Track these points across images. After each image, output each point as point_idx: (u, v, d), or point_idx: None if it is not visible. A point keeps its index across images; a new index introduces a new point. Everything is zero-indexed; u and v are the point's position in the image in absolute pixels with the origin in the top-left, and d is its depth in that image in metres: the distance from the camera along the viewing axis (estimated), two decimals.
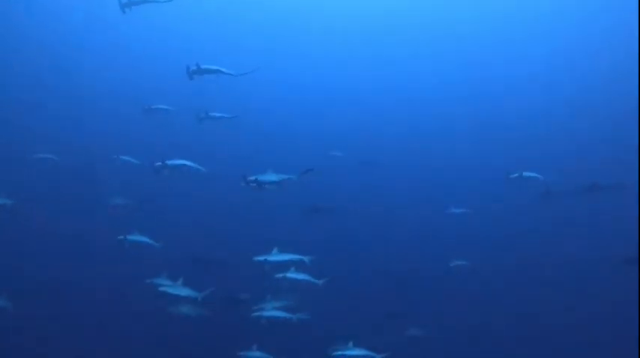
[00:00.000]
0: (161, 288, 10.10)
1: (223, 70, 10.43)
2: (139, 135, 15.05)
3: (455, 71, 21.10)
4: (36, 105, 16.97)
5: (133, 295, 11.56)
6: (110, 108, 17.25)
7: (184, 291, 10.20)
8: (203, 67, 10.25)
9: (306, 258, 10.18)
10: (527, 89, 20.23)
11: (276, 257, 9.97)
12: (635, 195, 13.01)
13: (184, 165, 10.68)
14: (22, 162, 13.71)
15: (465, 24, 21.13)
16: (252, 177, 9.86)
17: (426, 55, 21.56)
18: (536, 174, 13.23)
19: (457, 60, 21.28)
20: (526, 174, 13.10)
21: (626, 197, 13.35)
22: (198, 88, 11.10)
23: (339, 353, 9.86)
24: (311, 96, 20.73)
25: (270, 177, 10.00)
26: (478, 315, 13.05)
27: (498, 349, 12.33)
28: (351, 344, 9.89)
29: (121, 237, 10.81)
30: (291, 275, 9.98)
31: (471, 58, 21.08)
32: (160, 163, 10.49)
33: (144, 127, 14.70)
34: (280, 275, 9.89)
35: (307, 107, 20.15)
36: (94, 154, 14.86)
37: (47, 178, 13.86)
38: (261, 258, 9.86)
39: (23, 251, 12.93)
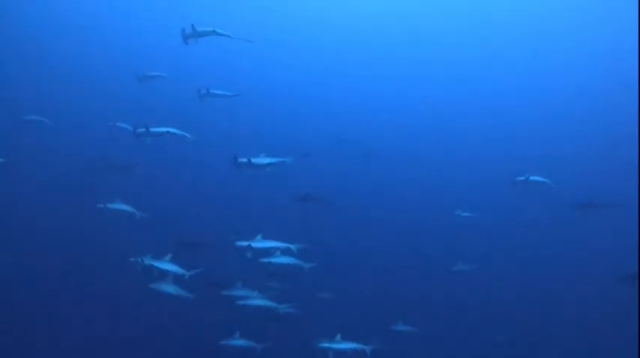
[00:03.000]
0: (147, 262, 9.49)
1: (219, 31, 9.96)
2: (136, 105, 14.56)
3: (465, 70, 20.76)
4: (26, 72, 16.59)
5: (116, 278, 11.08)
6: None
7: (171, 267, 9.67)
8: (199, 29, 9.83)
9: (292, 246, 9.69)
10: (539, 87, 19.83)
11: (260, 243, 9.45)
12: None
13: (168, 132, 10.13)
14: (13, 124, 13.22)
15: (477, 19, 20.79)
16: (244, 159, 9.48)
17: (438, 54, 21.14)
18: (543, 179, 12.68)
19: (468, 60, 20.89)
20: (533, 178, 12.56)
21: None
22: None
23: (327, 345, 9.38)
24: (317, 82, 20.40)
25: (262, 160, 9.62)
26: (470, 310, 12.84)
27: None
28: (338, 336, 9.45)
29: (101, 204, 10.27)
30: (277, 259, 9.48)
31: (483, 58, 20.71)
32: (142, 129, 9.98)
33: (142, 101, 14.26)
34: (266, 259, 9.38)
35: (312, 93, 19.80)
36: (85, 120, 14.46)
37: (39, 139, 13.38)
38: (244, 244, 9.34)
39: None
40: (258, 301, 9.88)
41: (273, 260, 9.37)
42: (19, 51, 16.98)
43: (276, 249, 9.47)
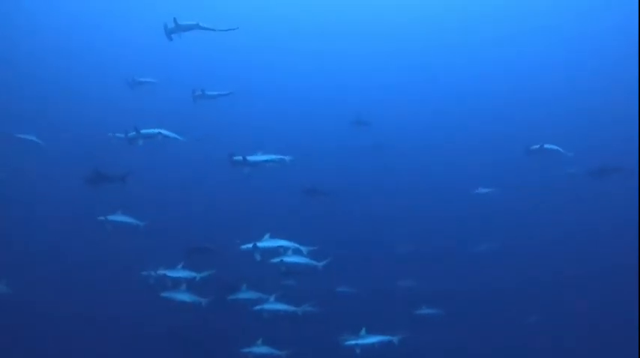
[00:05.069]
0: (160, 271, 9.44)
1: (202, 24, 9.55)
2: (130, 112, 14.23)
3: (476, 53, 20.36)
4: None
5: (131, 285, 10.69)
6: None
7: (184, 273, 9.61)
8: (181, 23, 9.43)
9: (303, 248, 9.23)
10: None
11: (266, 243, 9.00)
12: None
13: (160, 133, 9.73)
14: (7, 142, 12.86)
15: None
16: (239, 157, 9.17)
17: (450, 36, 20.62)
18: (558, 147, 12.21)
19: (479, 41, 20.39)
20: (547, 146, 12.08)
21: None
22: None
23: (353, 342, 8.96)
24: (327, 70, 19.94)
25: (259, 157, 9.34)
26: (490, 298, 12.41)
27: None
28: (363, 331, 9.02)
29: (102, 217, 9.87)
30: (289, 259, 9.01)
31: (494, 37, 20.24)
32: (133, 133, 9.61)
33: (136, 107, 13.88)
34: (277, 259, 8.93)
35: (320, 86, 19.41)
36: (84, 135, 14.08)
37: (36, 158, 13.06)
38: (249, 246, 8.90)
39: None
40: (276, 305, 9.52)
41: (286, 259, 8.93)
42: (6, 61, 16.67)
43: (287, 248, 9.05)
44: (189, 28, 9.51)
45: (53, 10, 19.00)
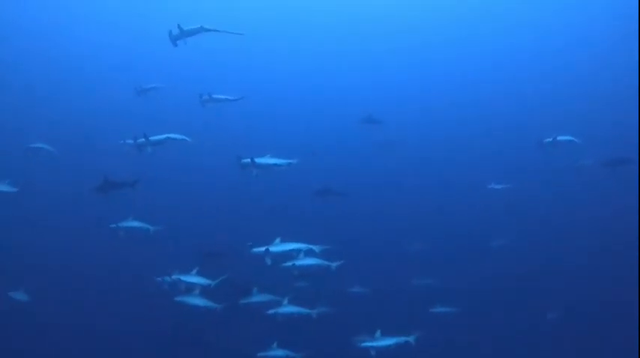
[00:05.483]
0: (174, 276, 9.43)
1: (207, 26, 9.52)
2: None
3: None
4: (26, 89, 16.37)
5: (144, 290, 10.87)
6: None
7: (198, 279, 9.54)
8: (185, 28, 9.38)
9: (315, 247, 9.18)
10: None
11: (278, 247, 8.95)
12: None
13: (168, 138, 9.67)
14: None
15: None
16: (247, 159, 9.08)
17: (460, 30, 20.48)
18: (572, 138, 11.97)
19: (489, 32, 20.21)
20: (561, 138, 11.86)
21: None
22: None
23: (369, 344, 8.90)
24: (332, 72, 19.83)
25: (267, 160, 9.24)
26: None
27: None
28: (378, 333, 8.94)
29: (114, 225, 9.92)
30: (301, 262, 8.96)
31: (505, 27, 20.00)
32: (142, 139, 9.56)
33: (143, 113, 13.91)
34: (289, 263, 8.89)
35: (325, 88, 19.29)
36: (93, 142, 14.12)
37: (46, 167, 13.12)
38: (261, 250, 8.86)
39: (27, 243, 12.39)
40: (290, 308, 9.47)
41: (298, 263, 8.88)
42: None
43: (299, 251, 8.99)
44: (194, 32, 9.47)
45: (59, 17, 19.10)
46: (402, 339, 9.14)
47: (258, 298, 9.73)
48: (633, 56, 14.97)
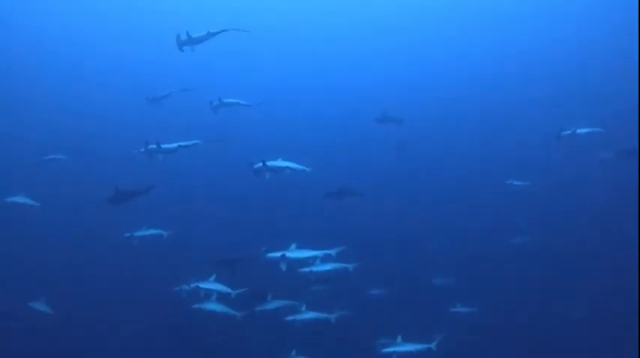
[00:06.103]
0: (193, 284, 9.34)
1: (213, 30, 9.48)
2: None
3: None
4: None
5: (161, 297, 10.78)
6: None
7: (218, 287, 9.40)
8: (194, 36, 9.40)
9: (332, 251, 9.05)
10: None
11: (294, 253, 8.85)
12: None
13: (180, 146, 9.69)
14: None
15: None
16: (259, 164, 9.01)
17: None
18: (593, 129, 11.54)
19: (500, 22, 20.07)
20: (580, 131, 11.44)
21: None
22: None
23: (391, 350, 8.72)
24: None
25: (279, 163, 9.16)
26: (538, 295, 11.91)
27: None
28: (399, 338, 8.77)
29: (128, 234, 9.96)
30: (318, 268, 8.85)
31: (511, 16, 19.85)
32: (154, 146, 9.59)
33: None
34: (306, 269, 8.78)
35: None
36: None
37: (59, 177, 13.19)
38: (277, 255, 8.77)
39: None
40: (309, 314, 9.33)
41: (315, 269, 8.76)
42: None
43: (315, 257, 8.86)
44: (202, 39, 9.49)
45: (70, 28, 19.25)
46: (424, 346, 8.95)
47: (275, 304, 9.62)
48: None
